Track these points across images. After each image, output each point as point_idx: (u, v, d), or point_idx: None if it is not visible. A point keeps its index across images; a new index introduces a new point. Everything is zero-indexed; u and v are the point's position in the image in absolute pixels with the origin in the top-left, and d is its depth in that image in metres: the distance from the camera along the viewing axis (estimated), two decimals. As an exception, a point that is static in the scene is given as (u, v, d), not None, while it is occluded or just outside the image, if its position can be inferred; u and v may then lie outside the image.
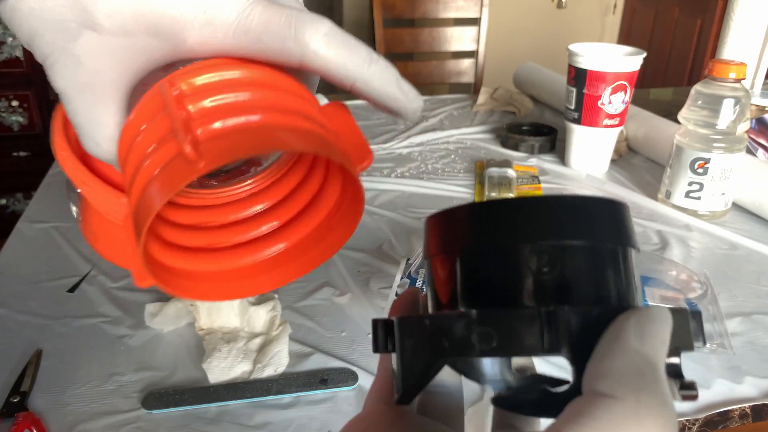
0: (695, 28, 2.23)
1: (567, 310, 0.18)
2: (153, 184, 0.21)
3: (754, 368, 0.51)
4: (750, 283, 0.63)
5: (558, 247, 0.19)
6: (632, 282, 0.20)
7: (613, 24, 2.81)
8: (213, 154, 0.20)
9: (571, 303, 0.19)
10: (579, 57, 0.83)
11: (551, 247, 0.19)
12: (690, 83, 1.36)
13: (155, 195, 0.20)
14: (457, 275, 0.20)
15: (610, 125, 0.85)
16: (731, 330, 0.55)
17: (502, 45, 2.44)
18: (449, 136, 1.05)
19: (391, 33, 1.53)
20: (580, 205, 0.20)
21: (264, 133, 0.21)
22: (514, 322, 0.18)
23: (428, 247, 0.22)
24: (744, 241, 0.71)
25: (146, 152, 0.21)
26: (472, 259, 0.20)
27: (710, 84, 0.72)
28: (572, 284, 0.19)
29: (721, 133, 0.72)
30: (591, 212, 0.20)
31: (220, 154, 0.20)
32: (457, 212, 0.21)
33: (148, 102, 0.22)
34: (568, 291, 0.19)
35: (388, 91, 0.24)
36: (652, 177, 0.88)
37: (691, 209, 0.76)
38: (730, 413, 0.47)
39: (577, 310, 0.18)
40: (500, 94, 1.21)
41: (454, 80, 1.61)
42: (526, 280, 0.19)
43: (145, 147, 0.22)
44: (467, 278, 0.20)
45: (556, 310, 0.18)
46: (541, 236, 0.19)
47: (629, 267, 0.20)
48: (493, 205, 0.20)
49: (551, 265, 0.19)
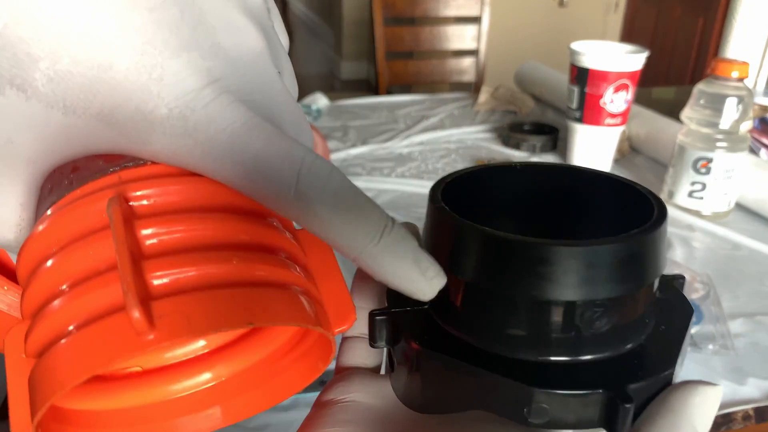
0: (697, 26, 2.23)
1: (630, 395, 0.17)
2: (71, 345, 0.15)
3: (757, 369, 0.50)
4: (753, 283, 0.63)
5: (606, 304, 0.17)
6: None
7: (615, 22, 2.81)
8: (170, 328, 0.14)
9: (632, 379, 0.17)
10: (581, 56, 0.83)
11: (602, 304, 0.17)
12: (692, 82, 1.36)
13: (71, 365, 0.14)
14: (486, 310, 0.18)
15: (612, 124, 0.85)
16: (734, 331, 0.55)
17: (503, 43, 2.44)
18: (450, 135, 1.05)
19: (391, 31, 1.52)
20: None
21: (240, 301, 0.16)
22: (573, 404, 0.17)
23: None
24: (747, 241, 0.71)
25: (67, 282, 0.16)
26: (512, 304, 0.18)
27: (713, 83, 0.72)
28: (635, 358, 0.18)
29: (724, 132, 0.71)
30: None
31: (180, 328, 0.14)
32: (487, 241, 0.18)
33: (83, 208, 0.16)
34: (630, 369, 0.18)
35: (402, 270, 0.18)
36: (654, 177, 0.88)
37: (693, 209, 0.76)
38: (733, 415, 0.47)
39: (637, 389, 0.17)
40: (501, 93, 1.20)
41: (454, 79, 1.61)
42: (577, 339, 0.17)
43: (67, 272, 0.16)
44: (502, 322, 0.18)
45: (620, 396, 0.17)
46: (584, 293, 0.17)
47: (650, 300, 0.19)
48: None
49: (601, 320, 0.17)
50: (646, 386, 0.17)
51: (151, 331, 0.14)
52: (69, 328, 0.15)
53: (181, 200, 0.17)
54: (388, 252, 0.17)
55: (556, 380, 0.17)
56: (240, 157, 0.16)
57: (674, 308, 0.20)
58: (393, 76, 1.55)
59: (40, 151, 0.16)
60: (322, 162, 0.17)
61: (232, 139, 0.16)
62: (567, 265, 0.17)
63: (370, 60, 3.08)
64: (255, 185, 0.16)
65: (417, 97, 1.25)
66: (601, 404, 0.17)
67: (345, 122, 1.10)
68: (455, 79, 1.60)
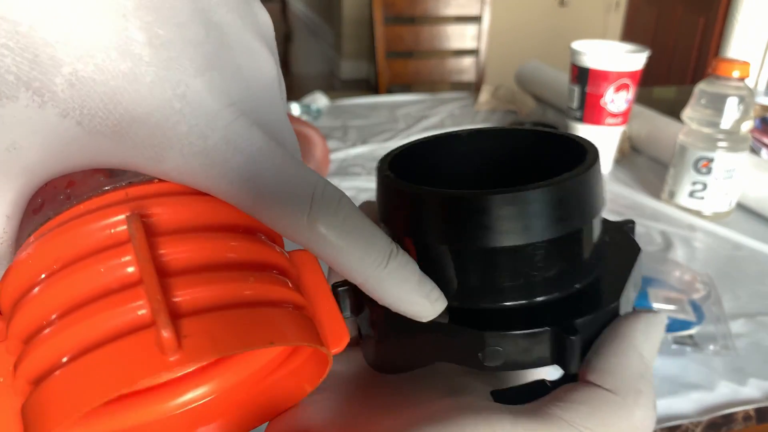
0: (698, 26, 2.22)
1: (577, 329, 0.18)
2: (87, 365, 0.14)
3: (758, 370, 0.50)
4: (754, 283, 0.63)
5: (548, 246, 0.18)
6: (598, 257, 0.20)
7: (615, 21, 2.81)
8: (197, 348, 0.14)
9: (580, 314, 0.18)
10: (581, 55, 0.83)
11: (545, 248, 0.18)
12: (693, 82, 1.36)
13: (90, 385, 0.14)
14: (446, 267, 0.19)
15: (613, 124, 0.85)
16: (735, 331, 0.54)
17: (504, 43, 2.44)
18: (450, 134, 1.05)
19: (391, 31, 1.52)
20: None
21: (260, 320, 0.16)
22: (524, 344, 0.18)
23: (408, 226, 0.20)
24: (748, 241, 0.71)
25: (74, 301, 0.15)
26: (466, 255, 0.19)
27: (714, 83, 0.72)
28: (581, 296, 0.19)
29: (725, 132, 0.71)
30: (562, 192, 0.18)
31: (206, 348, 0.14)
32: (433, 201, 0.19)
33: (91, 224, 0.15)
34: (578, 303, 0.19)
35: (407, 294, 0.18)
36: (655, 176, 0.88)
37: (694, 209, 0.76)
38: (734, 416, 0.46)
39: (583, 322, 0.18)
40: (502, 92, 1.20)
41: (455, 78, 1.60)
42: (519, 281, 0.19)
43: (73, 291, 0.15)
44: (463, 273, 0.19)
45: (566, 330, 0.18)
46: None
47: (592, 240, 0.20)
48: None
49: (544, 265, 0.19)
50: (592, 320, 0.18)
51: (177, 350, 0.14)
52: (79, 349, 0.14)
53: (193, 218, 0.16)
54: (395, 276, 0.18)
55: (506, 323, 0.18)
56: (256, 180, 0.16)
57: (622, 249, 0.21)
58: (393, 75, 1.55)
59: (44, 160, 0.16)
60: (333, 188, 0.17)
61: (249, 162, 0.16)
62: (503, 213, 0.18)
63: (370, 59, 3.08)
64: (269, 209, 0.16)
65: (417, 97, 1.25)
66: (551, 341, 0.18)
67: (345, 122, 1.10)
68: (455, 79, 1.60)
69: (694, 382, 0.49)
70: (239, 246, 0.17)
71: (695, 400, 0.47)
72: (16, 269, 0.16)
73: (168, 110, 0.15)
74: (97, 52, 0.14)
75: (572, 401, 0.17)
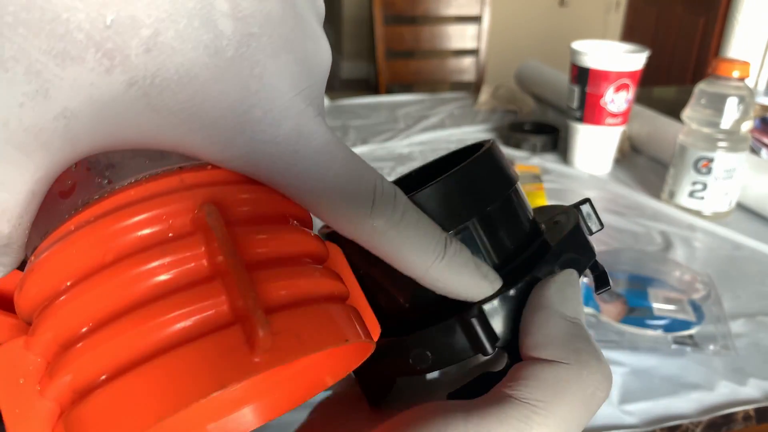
0: (698, 26, 2.22)
1: (477, 311, 0.18)
2: (164, 368, 0.13)
3: (758, 370, 0.50)
4: (754, 283, 0.63)
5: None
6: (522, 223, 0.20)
7: (615, 21, 2.80)
8: (285, 346, 0.13)
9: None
10: (582, 55, 0.83)
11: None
12: (693, 82, 1.36)
13: (168, 391, 0.12)
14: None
15: (613, 124, 0.85)
16: (735, 331, 0.54)
17: (504, 43, 2.44)
18: (450, 135, 1.05)
19: (391, 31, 1.52)
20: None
21: (333, 316, 0.15)
22: (440, 338, 0.18)
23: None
24: (748, 241, 0.71)
25: (137, 297, 0.13)
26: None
27: (714, 83, 0.72)
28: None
29: (725, 132, 0.71)
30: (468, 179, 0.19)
31: (293, 347, 0.13)
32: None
33: (148, 211, 0.14)
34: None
35: (467, 278, 0.18)
36: (655, 176, 0.88)
37: (694, 209, 0.76)
38: (734, 416, 0.46)
39: (489, 306, 0.18)
40: (502, 92, 1.20)
41: (455, 78, 1.60)
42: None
43: (135, 285, 0.13)
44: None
45: (468, 314, 0.18)
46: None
47: (515, 210, 0.20)
48: None
49: None
50: (498, 304, 0.18)
51: (267, 350, 0.13)
52: (148, 351, 0.13)
53: (256, 209, 0.15)
54: (454, 263, 0.17)
55: (421, 324, 0.18)
56: (322, 175, 0.15)
57: (557, 230, 0.21)
58: (393, 75, 1.55)
59: (93, 133, 0.14)
60: (388, 183, 0.17)
61: (317, 154, 0.15)
62: None
63: (370, 59, 3.08)
64: (333, 205, 0.16)
65: (417, 97, 1.25)
66: (462, 330, 0.18)
67: (345, 122, 1.10)
68: (455, 79, 1.60)
69: (694, 382, 0.49)
70: (300, 238, 0.16)
71: (695, 400, 0.47)
72: (49, 260, 0.14)
73: (244, 91, 0.14)
74: (180, 17, 0.13)
75: (519, 379, 0.17)
